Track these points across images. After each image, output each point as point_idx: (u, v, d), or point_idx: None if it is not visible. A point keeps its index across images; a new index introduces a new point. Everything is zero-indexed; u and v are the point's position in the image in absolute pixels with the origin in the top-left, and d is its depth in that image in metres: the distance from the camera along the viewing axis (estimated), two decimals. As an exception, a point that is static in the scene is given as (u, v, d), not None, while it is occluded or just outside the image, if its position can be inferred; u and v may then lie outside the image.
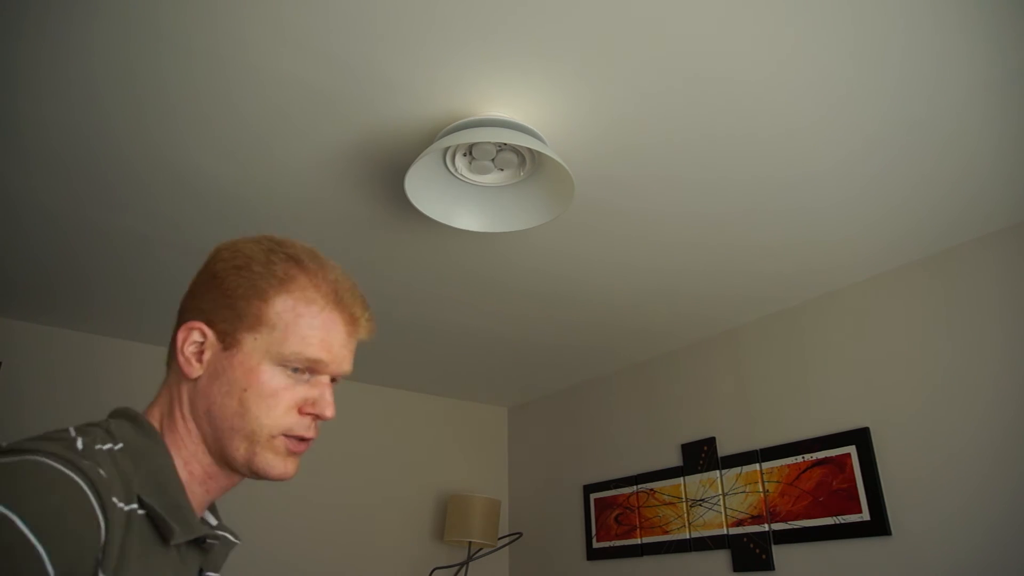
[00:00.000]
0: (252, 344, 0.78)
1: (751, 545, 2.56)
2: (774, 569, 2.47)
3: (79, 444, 0.66)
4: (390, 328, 2.93)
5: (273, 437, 0.77)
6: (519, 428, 3.94)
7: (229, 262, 0.81)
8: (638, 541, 2.99)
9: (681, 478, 2.91)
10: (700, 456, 2.86)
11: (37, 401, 2.79)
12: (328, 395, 0.80)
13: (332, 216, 2.10)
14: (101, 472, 0.63)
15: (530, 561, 3.54)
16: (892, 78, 1.56)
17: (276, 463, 0.78)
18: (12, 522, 0.54)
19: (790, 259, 2.35)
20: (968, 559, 2.02)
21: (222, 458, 0.79)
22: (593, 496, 3.28)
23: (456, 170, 1.74)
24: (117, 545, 0.62)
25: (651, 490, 3.02)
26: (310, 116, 1.68)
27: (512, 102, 1.63)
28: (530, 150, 1.68)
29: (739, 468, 2.69)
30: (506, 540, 3.62)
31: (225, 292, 0.80)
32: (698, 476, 2.84)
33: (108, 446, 0.70)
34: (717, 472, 2.77)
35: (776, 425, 2.64)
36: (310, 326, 0.79)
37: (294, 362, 0.78)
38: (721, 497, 2.72)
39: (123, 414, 0.77)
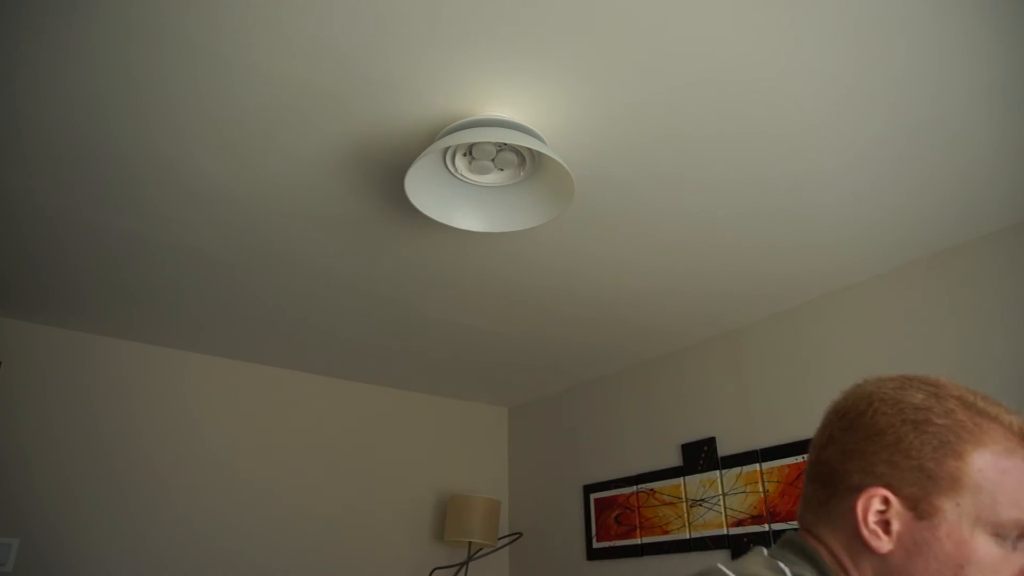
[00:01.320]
0: (956, 512, 0.68)
1: (751, 545, 2.56)
2: (774, 569, 2.47)
3: None
4: (390, 328, 2.93)
5: None
6: (519, 428, 3.94)
7: (904, 421, 0.73)
8: (638, 541, 2.99)
9: (681, 478, 2.91)
10: (700, 456, 2.86)
11: (32, 400, 2.78)
12: None
13: (332, 216, 2.10)
14: None
15: (530, 561, 3.54)
16: (893, 78, 1.55)
17: None
18: None
19: (790, 259, 2.35)
20: (968, 559, 2.02)
21: None
22: (593, 496, 3.28)
23: (456, 170, 1.74)
24: None
25: (651, 490, 3.02)
26: (310, 116, 1.68)
27: (512, 102, 1.63)
28: (530, 150, 1.68)
29: (739, 468, 2.69)
30: (506, 540, 3.62)
31: (907, 453, 0.71)
32: (698, 476, 2.84)
33: None
34: (717, 472, 2.77)
35: (776, 425, 2.63)
36: (1016, 485, 0.69)
37: (1007, 529, 0.68)
38: (721, 497, 2.72)
39: (806, 554, 0.74)
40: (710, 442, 2.84)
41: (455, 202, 1.83)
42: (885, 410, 0.74)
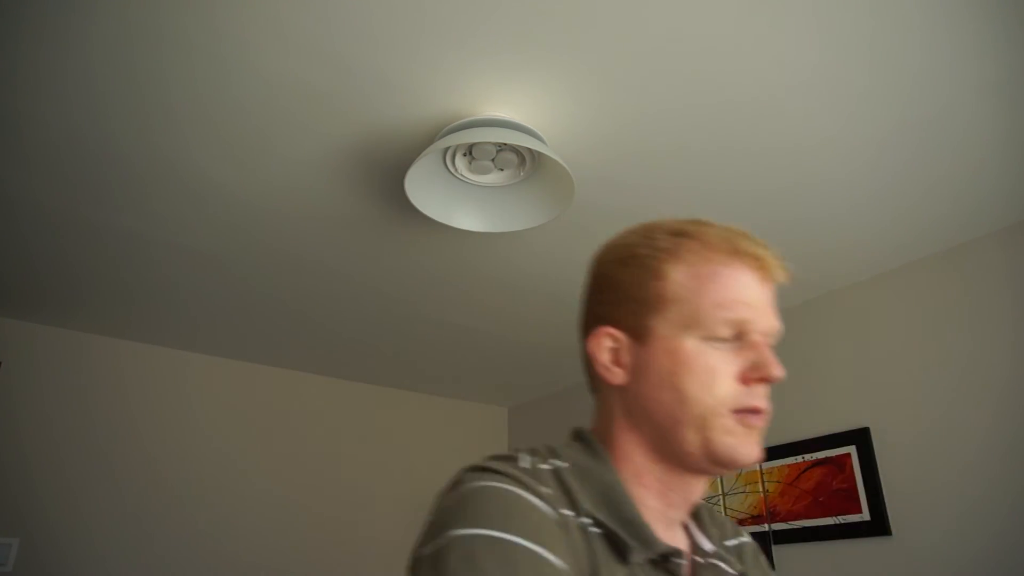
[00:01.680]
0: (666, 326, 0.71)
1: (751, 545, 2.56)
2: (774, 569, 2.47)
3: (526, 463, 0.67)
4: (390, 328, 2.93)
5: (722, 416, 0.68)
6: (519, 428, 3.94)
7: (612, 260, 0.77)
8: (638, 541, 2.99)
9: (681, 478, 2.91)
10: (700, 456, 2.86)
11: (32, 400, 2.78)
12: (767, 353, 0.70)
13: (332, 216, 2.10)
14: (545, 489, 0.64)
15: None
16: (894, 78, 1.55)
17: (737, 445, 0.69)
18: (508, 539, 0.58)
19: (790, 259, 2.34)
20: (968, 559, 2.02)
21: (676, 460, 0.71)
22: (593, 496, 3.28)
23: (456, 170, 1.74)
24: (586, 557, 0.62)
25: (651, 490, 3.02)
26: (310, 116, 1.68)
27: (512, 102, 1.63)
28: (530, 150, 1.68)
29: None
30: (506, 540, 3.62)
31: (617, 287, 0.75)
32: (698, 476, 2.84)
33: (553, 465, 0.69)
34: (717, 472, 2.77)
35: (776, 425, 2.62)
36: (715, 287, 0.71)
37: (713, 331, 0.70)
38: (721, 497, 2.72)
39: (574, 434, 0.76)
40: (710, 442, 2.84)
41: (455, 202, 1.83)
42: (600, 259, 0.79)
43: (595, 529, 0.66)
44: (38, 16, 1.38)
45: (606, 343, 0.74)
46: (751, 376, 0.69)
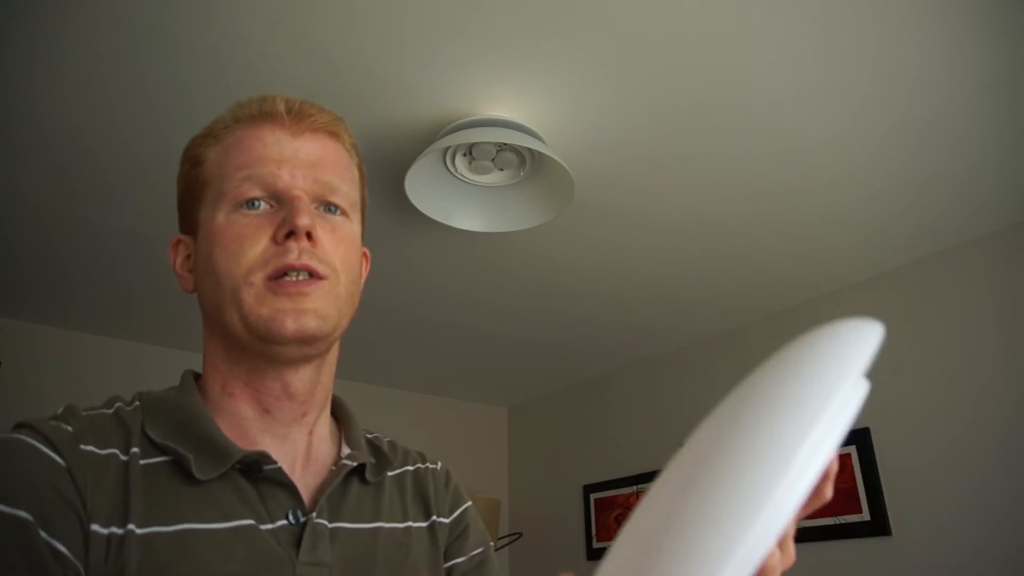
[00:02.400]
0: (207, 211, 0.66)
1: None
2: (774, 569, 2.47)
3: (61, 410, 0.61)
4: (390, 328, 2.92)
5: (251, 284, 0.62)
6: (519, 428, 3.94)
7: (180, 166, 0.73)
8: (638, 541, 2.99)
9: (681, 478, 2.91)
10: (700, 456, 2.86)
11: (32, 400, 2.78)
12: (297, 204, 0.63)
13: (332, 216, 2.10)
14: (66, 426, 0.58)
15: (530, 561, 3.54)
16: (891, 79, 1.55)
17: (272, 315, 0.61)
18: None
19: (791, 259, 2.35)
20: (968, 559, 2.02)
21: (243, 352, 0.64)
22: (593, 496, 3.28)
23: (456, 170, 1.74)
24: (105, 493, 0.55)
25: (651, 490, 3.02)
26: (310, 116, 1.68)
27: (512, 102, 1.63)
28: (530, 150, 1.68)
29: (739, 468, 2.69)
30: (506, 540, 3.62)
31: (180, 191, 0.72)
32: (698, 476, 2.84)
33: (115, 407, 0.63)
34: (717, 472, 2.77)
35: (776, 425, 2.63)
36: (238, 151, 0.66)
37: (238, 194, 0.64)
38: (721, 497, 2.72)
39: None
40: (710, 442, 2.83)
41: (455, 202, 1.83)
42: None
43: (161, 458, 0.59)
44: (38, 15, 1.38)
45: (180, 250, 0.71)
46: (280, 233, 0.62)
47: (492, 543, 0.79)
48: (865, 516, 2.26)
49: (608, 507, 3.19)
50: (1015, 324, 2.08)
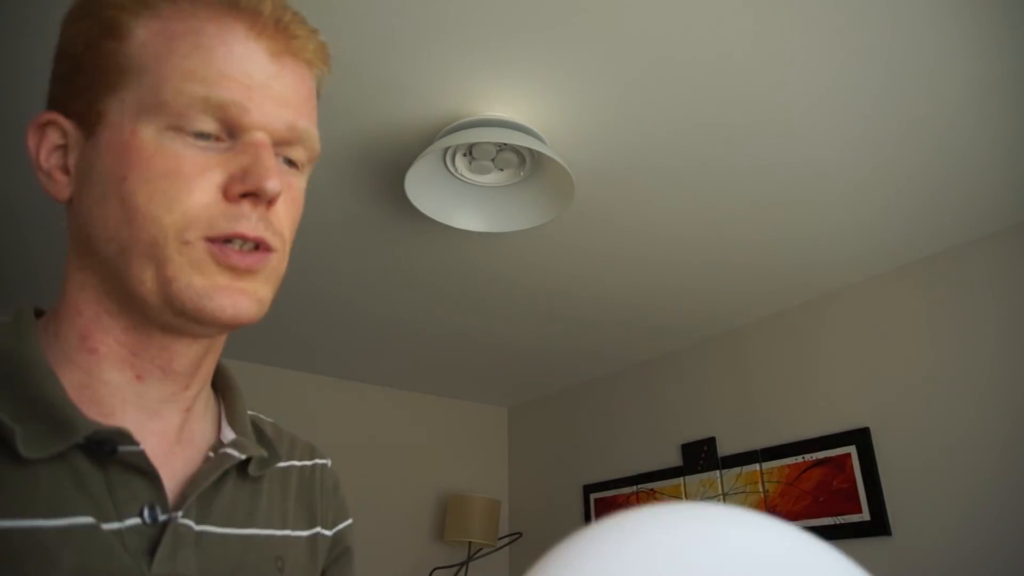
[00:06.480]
0: (119, 109, 0.48)
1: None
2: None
3: None
4: (390, 328, 2.93)
5: (186, 243, 0.47)
6: (519, 428, 3.94)
7: (68, 15, 0.52)
8: (638, 541, 2.99)
9: (681, 478, 2.91)
10: (700, 456, 2.86)
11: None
12: (265, 158, 0.48)
13: (332, 216, 2.10)
14: None
15: (530, 561, 3.54)
16: (891, 76, 1.55)
17: (209, 289, 0.47)
18: None
19: (791, 259, 2.35)
20: (968, 559, 2.02)
21: (137, 310, 0.49)
22: (593, 496, 3.28)
23: (456, 170, 1.74)
24: None
25: (651, 490, 3.02)
26: (310, 116, 1.68)
27: (512, 102, 1.63)
28: (530, 150, 1.68)
29: (739, 468, 2.69)
30: (506, 540, 3.62)
31: (66, 54, 0.51)
32: (698, 476, 2.84)
33: None
34: (717, 472, 2.77)
35: (776, 425, 2.63)
36: (192, 50, 0.48)
37: (184, 117, 0.47)
38: (721, 497, 2.72)
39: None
40: (710, 442, 2.84)
41: (455, 202, 1.83)
42: (64, 17, 0.52)
43: None
44: (38, 15, 1.38)
45: (51, 137, 0.50)
46: (236, 189, 0.48)
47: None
48: (865, 516, 2.26)
49: (608, 507, 3.19)
50: (1016, 324, 2.08)
